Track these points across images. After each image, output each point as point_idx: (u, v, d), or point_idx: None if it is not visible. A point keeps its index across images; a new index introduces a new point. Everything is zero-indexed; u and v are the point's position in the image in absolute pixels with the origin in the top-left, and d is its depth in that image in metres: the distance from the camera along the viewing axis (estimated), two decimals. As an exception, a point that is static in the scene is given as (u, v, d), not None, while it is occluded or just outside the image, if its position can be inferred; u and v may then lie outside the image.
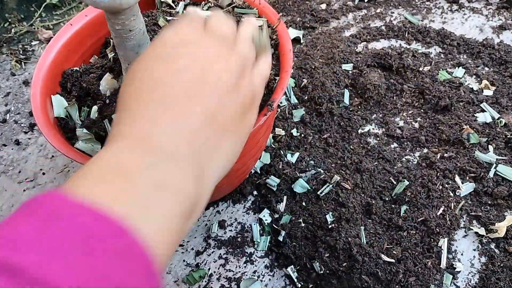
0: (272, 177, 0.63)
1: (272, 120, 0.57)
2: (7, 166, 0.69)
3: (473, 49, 0.79)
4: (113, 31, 0.38)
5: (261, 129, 0.46)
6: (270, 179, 0.63)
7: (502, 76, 0.75)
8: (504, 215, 0.59)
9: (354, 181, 0.62)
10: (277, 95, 0.44)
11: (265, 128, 0.50)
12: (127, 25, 0.37)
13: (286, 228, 0.59)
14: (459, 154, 0.65)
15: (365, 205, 0.60)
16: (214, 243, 0.59)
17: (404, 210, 0.59)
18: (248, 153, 0.50)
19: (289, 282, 0.55)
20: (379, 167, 0.64)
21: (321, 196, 0.61)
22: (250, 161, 0.54)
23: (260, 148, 0.55)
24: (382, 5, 0.89)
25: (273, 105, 0.43)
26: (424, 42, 0.81)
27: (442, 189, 0.61)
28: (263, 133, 0.51)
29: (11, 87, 0.80)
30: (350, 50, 0.77)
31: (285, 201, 0.62)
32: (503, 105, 0.69)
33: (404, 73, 0.74)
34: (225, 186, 0.57)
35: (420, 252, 0.56)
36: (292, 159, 0.65)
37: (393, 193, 0.61)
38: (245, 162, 0.52)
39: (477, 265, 0.56)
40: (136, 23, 0.38)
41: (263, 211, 0.61)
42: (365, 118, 0.70)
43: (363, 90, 0.71)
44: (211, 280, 0.56)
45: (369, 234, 0.57)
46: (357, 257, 0.54)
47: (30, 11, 0.93)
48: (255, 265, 0.57)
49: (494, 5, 0.88)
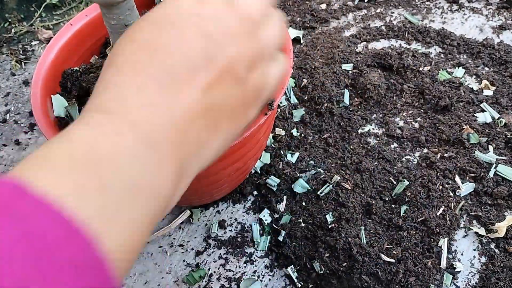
0: (272, 177, 0.63)
1: (273, 119, 0.57)
2: (7, 166, 0.69)
3: (473, 49, 0.79)
4: (108, 27, 0.38)
5: (261, 128, 0.46)
6: (270, 179, 0.63)
7: (502, 76, 0.75)
8: (504, 215, 0.59)
9: (354, 181, 0.62)
10: (277, 95, 0.44)
11: (265, 127, 0.50)
12: (122, 20, 0.37)
13: (286, 228, 0.59)
14: (459, 154, 0.65)
15: (365, 205, 0.60)
16: (214, 243, 0.59)
17: (404, 210, 0.59)
18: (249, 153, 0.50)
19: (289, 282, 0.55)
20: (379, 167, 0.64)
21: (321, 196, 0.61)
22: (250, 160, 0.54)
23: (260, 148, 0.55)
24: (382, 5, 0.89)
25: (273, 105, 0.43)
26: (424, 42, 0.81)
27: (442, 189, 0.61)
28: (263, 132, 0.51)
29: (11, 87, 0.80)
30: (350, 50, 0.77)
31: (285, 201, 0.62)
32: (503, 105, 0.69)
33: (404, 73, 0.74)
34: (225, 186, 0.57)
35: (420, 252, 0.56)
36: (292, 159, 0.65)
37: (393, 193, 0.61)
38: (246, 161, 0.52)
39: (477, 265, 0.56)
40: (131, 17, 0.38)
41: (263, 211, 0.61)
42: (365, 118, 0.70)
43: (363, 90, 0.71)
44: (211, 280, 0.56)
45: (369, 234, 0.57)
46: (357, 257, 0.54)
47: (30, 11, 0.93)
48: (255, 265, 0.57)
49: (494, 5, 0.88)
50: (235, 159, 0.48)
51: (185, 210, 0.60)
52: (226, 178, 0.53)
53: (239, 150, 0.47)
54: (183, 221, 0.61)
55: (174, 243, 0.59)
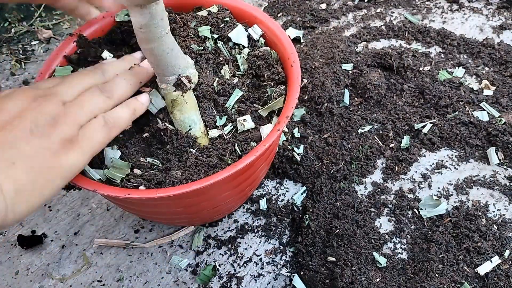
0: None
1: (279, 137, 0.56)
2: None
3: (473, 49, 0.79)
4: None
5: (271, 146, 0.45)
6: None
7: (502, 76, 0.75)
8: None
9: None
10: (286, 111, 0.44)
11: (273, 145, 0.49)
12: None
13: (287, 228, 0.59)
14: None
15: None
16: (214, 243, 0.59)
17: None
18: (260, 170, 0.50)
19: (289, 282, 0.55)
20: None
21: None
22: (261, 173, 0.54)
23: (270, 162, 0.55)
24: (382, 5, 0.89)
25: (282, 122, 0.43)
26: (424, 42, 0.81)
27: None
28: (272, 150, 0.50)
29: (11, 87, 0.80)
30: (350, 50, 0.77)
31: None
32: (503, 105, 0.69)
33: (404, 73, 0.74)
34: (236, 202, 0.57)
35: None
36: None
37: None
38: (256, 176, 0.52)
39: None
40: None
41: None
42: (365, 118, 0.70)
43: (363, 90, 0.71)
44: (211, 280, 0.56)
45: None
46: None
47: (30, 11, 0.93)
48: (255, 264, 0.57)
49: (494, 5, 0.88)
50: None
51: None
52: (238, 195, 0.53)
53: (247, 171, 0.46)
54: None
55: (174, 243, 0.59)
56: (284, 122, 0.43)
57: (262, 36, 0.53)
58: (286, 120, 0.43)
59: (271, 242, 0.59)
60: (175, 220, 0.56)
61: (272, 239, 0.59)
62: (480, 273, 0.52)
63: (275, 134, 0.42)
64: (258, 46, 0.52)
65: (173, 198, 0.42)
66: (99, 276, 0.56)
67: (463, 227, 0.55)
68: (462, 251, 0.54)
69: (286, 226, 0.60)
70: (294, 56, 0.48)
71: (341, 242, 0.55)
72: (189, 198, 0.44)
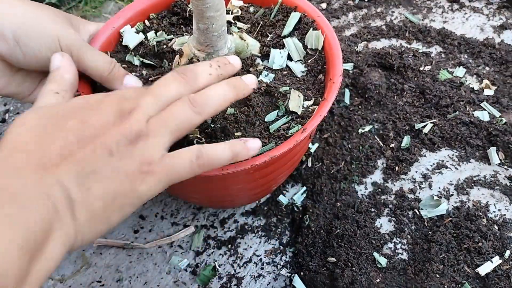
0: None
1: (307, 143, 0.55)
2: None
3: (474, 48, 0.79)
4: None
5: (297, 147, 0.43)
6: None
7: (503, 76, 0.74)
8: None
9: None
10: (313, 122, 0.43)
11: (301, 145, 0.48)
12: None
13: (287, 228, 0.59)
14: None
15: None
16: (214, 243, 0.59)
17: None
18: (281, 171, 0.50)
19: (289, 283, 0.55)
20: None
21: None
22: (281, 176, 0.53)
23: (295, 163, 0.54)
24: (383, 4, 0.89)
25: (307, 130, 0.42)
26: (424, 41, 0.81)
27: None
28: (300, 149, 0.50)
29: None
30: (350, 50, 0.77)
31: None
32: (503, 105, 0.69)
33: (404, 73, 0.74)
34: (245, 201, 0.58)
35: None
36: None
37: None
38: (277, 179, 0.52)
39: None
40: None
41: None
42: (365, 118, 0.70)
43: (364, 89, 0.71)
44: (211, 280, 0.55)
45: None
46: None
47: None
48: (255, 265, 0.57)
49: (494, 4, 0.88)
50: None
51: (190, 226, 0.60)
52: (247, 198, 0.53)
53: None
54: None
55: (174, 243, 0.59)
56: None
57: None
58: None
59: (271, 243, 0.58)
60: (227, 199, 0.56)
61: (272, 239, 0.59)
62: (480, 273, 0.51)
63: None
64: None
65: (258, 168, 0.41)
66: (98, 277, 0.56)
67: (463, 227, 0.55)
68: (462, 251, 0.54)
69: (286, 226, 0.60)
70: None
71: (341, 242, 0.55)
72: (267, 167, 0.44)
